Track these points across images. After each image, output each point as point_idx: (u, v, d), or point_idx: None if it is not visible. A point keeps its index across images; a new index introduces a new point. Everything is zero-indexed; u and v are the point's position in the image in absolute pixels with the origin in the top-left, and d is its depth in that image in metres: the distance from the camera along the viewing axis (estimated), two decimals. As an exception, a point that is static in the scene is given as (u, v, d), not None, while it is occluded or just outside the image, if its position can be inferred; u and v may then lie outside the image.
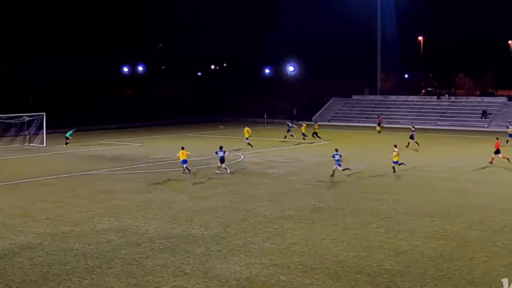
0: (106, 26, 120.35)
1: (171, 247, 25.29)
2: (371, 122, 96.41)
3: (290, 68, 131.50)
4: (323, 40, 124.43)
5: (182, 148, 45.70)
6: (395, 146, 46.07)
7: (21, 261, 23.45)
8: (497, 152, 48.76)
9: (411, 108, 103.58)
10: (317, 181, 41.94)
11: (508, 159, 48.41)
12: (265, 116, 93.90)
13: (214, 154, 45.93)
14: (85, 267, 22.74)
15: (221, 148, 45.87)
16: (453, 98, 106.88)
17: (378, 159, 52.24)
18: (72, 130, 65.27)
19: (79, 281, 21.29)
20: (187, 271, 22.35)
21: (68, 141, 63.30)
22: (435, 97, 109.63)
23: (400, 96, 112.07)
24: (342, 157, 43.90)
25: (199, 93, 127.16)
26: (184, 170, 45.04)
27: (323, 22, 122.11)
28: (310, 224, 29.38)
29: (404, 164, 45.39)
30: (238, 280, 21.33)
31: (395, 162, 45.03)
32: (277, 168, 48.20)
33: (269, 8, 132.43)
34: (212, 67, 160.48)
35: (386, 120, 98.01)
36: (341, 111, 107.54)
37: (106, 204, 33.94)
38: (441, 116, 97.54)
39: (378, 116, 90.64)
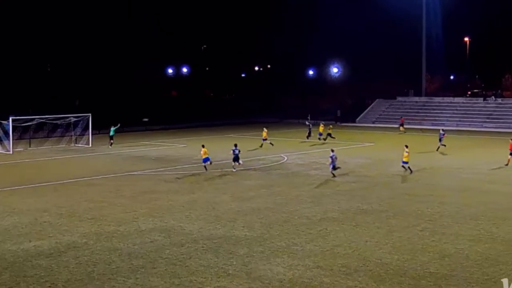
0: (145, 28, 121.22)
1: (215, 248, 25.39)
2: (416, 124, 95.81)
3: (334, 70, 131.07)
4: (368, 41, 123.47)
5: (203, 146, 47.40)
6: (406, 146, 46.17)
7: (66, 260, 23.75)
8: None
9: (456, 110, 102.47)
10: (360, 182, 41.73)
11: None
12: (308, 117, 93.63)
13: (231, 152, 47.43)
14: (130, 267, 22.95)
15: (236, 146, 47.59)
16: (499, 100, 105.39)
17: (423, 161, 51.75)
18: (116, 127, 65.73)
19: (123, 280, 21.50)
20: (230, 272, 22.41)
21: (112, 140, 63.77)
22: (481, 98, 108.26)
23: (445, 98, 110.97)
24: (336, 158, 44.55)
25: (243, 94, 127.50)
26: (205, 168, 46.59)
27: (367, 23, 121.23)
28: (354, 226, 29.24)
29: (411, 172, 45.29)
30: (281, 282, 21.32)
31: (405, 163, 45.49)
32: (320, 169, 48.02)
33: (313, 9, 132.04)
34: (256, 68, 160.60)
35: (431, 122, 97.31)
36: (385, 113, 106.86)
37: (150, 204, 34.21)
38: (488, 118, 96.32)
39: (401, 117, 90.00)
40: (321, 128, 70.30)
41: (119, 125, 67.34)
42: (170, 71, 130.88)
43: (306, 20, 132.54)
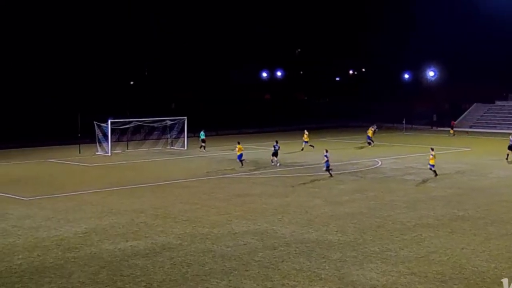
0: (242, 30, 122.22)
1: (307, 252, 25.37)
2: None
3: (431, 73, 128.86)
4: (465, 43, 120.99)
5: (238, 143, 51.58)
6: (432, 149, 46.04)
7: (162, 261, 24.20)
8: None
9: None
10: (457, 188, 40.89)
11: None
12: (403, 122, 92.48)
13: (272, 147, 51.83)
14: (223, 269, 23.18)
15: (277, 142, 52.02)
16: None
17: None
18: (203, 131, 64.98)
19: (216, 282, 21.73)
20: (322, 276, 22.35)
21: (204, 144, 63.83)
22: None
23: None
24: (328, 158, 45.44)
25: (337, 99, 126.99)
26: (241, 164, 50.42)
27: (464, 24, 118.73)
28: (449, 232, 28.68)
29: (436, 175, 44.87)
30: (374, 287, 21.12)
31: (432, 166, 45.43)
32: (415, 174, 47.34)
33: (409, 11, 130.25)
34: (351, 72, 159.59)
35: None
36: (483, 118, 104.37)
37: (244, 207, 34.49)
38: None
39: (452, 120, 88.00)
40: (370, 132, 69.05)
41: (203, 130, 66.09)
42: (264, 74, 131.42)
43: (403, 23, 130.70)
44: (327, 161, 45.27)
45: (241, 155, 50.95)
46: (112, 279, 22.05)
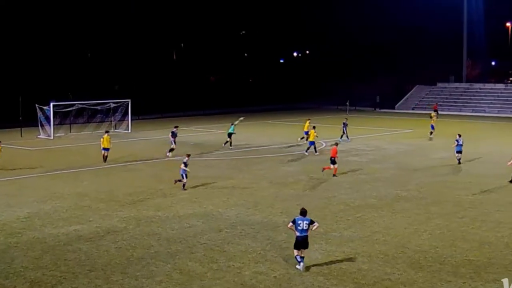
0: (182, 10, 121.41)
1: (253, 234, 25.48)
2: (456, 110, 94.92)
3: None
4: (408, 26, 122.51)
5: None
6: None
7: (106, 244, 24.03)
8: None
9: (497, 96, 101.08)
10: (399, 169, 41.48)
11: None
12: (347, 103, 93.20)
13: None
14: (168, 251, 23.14)
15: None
16: None
17: (466, 148, 51.24)
18: (237, 122, 55.98)
19: (162, 264, 21.69)
20: (268, 257, 22.48)
21: (230, 139, 53.12)
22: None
23: (486, 84, 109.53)
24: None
25: (282, 80, 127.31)
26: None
27: (407, 7, 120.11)
28: (392, 213, 29.12)
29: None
30: (319, 268, 21.31)
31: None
32: (359, 156, 47.87)
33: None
34: (295, 54, 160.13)
35: (471, 108, 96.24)
36: (425, 99, 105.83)
37: (189, 189, 34.37)
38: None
39: (435, 104, 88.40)
40: (433, 119, 62.44)
41: (241, 118, 58.62)
42: (209, 55, 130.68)
43: (342, 3, 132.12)
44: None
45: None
46: (55, 264, 21.80)
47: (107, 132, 45.83)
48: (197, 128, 69.17)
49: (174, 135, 48.24)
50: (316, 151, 47.81)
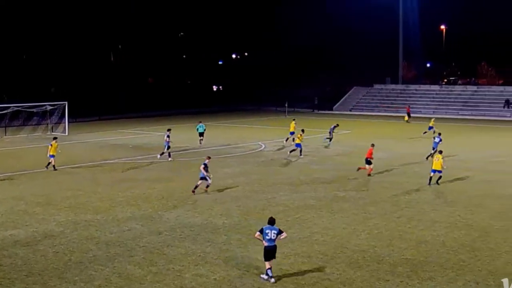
0: (122, 10, 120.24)
1: (192, 236, 25.40)
2: (393, 112, 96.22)
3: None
4: (345, 28, 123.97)
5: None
6: (440, 152, 39.07)
7: (43, 249, 23.65)
8: None
9: (433, 97, 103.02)
10: (338, 170, 41.88)
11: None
12: (286, 105, 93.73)
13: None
14: (107, 255, 22.89)
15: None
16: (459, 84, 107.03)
17: (402, 149, 52.10)
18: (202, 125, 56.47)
19: (100, 269, 21.45)
20: (208, 259, 22.44)
21: (202, 138, 55.63)
22: (453, 86, 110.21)
23: (422, 86, 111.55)
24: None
25: (221, 82, 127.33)
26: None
27: (345, 10, 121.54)
28: (331, 213, 29.38)
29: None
30: (259, 269, 21.37)
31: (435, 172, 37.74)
32: (298, 157, 48.15)
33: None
34: (234, 56, 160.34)
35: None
36: (362, 100, 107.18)
37: (128, 192, 34.11)
38: (464, 106, 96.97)
39: (408, 106, 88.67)
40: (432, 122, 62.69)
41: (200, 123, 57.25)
42: (147, 56, 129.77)
43: (281, 5, 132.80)
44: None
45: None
46: (-9, 270, 21.37)
47: (55, 138, 44.16)
48: (136, 131, 68.64)
49: (168, 137, 47.10)
50: (300, 154, 47.70)
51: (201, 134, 55.49)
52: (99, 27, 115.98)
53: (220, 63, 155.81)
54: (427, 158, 45.56)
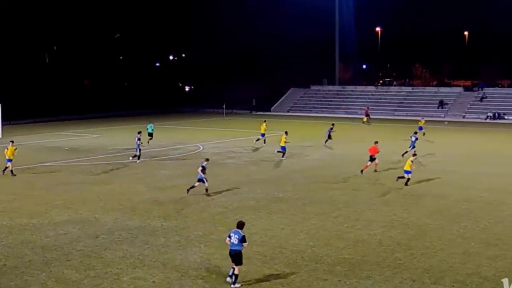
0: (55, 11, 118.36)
1: (130, 239, 25.19)
2: (329, 113, 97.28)
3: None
4: (282, 30, 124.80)
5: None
6: (414, 155, 38.99)
7: (-23, 254, 23.15)
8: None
9: (369, 98, 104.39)
10: (276, 171, 42.07)
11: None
12: (224, 106, 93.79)
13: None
14: (43, 260, 22.52)
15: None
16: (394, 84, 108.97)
17: (338, 148, 52.62)
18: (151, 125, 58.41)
19: (36, 273, 21.09)
20: (146, 262, 22.29)
21: (151, 138, 56.82)
22: (388, 87, 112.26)
23: (358, 87, 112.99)
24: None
25: (158, 84, 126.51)
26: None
27: (282, 11, 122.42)
28: (269, 214, 29.48)
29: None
30: (198, 271, 21.33)
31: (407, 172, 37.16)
32: (236, 158, 48.25)
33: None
34: (171, 57, 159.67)
35: (344, 110, 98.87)
36: (299, 101, 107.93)
37: (64, 195, 33.62)
38: (399, 106, 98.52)
39: (367, 108, 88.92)
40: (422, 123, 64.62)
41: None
42: (83, 58, 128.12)
43: (218, 8, 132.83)
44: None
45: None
46: None
47: (11, 142, 42.67)
48: (72, 133, 67.71)
49: (139, 140, 46.33)
50: (283, 156, 47.67)
51: (150, 134, 56.55)
52: (34, 27, 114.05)
53: (157, 64, 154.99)
54: (402, 155, 46.65)
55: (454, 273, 21.25)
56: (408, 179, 36.58)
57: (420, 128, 61.80)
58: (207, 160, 34.59)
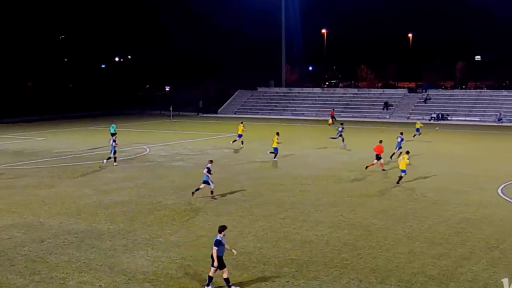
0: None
1: (76, 242, 24.89)
2: (277, 114, 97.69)
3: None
4: (228, 32, 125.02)
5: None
6: (407, 153, 39.14)
7: None
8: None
9: (315, 100, 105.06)
10: (224, 172, 42.02)
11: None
12: (170, 108, 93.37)
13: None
14: (-14, 265, 22.13)
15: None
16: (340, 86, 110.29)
17: (284, 151, 52.76)
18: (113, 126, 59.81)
19: (-20, 279, 20.72)
20: (92, 266, 22.05)
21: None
22: (334, 89, 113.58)
23: (304, 88, 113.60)
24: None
25: (104, 86, 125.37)
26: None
27: (227, 13, 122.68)
28: (217, 216, 29.43)
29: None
30: (145, 274, 21.20)
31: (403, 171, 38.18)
32: (183, 161, 48.08)
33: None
34: (117, 59, 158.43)
35: (291, 112, 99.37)
36: (247, 103, 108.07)
37: (8, 200, 33.04)
38: (345, 108, 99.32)
39: (332, 110, 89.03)
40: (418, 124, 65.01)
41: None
42: (26, 59, 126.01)
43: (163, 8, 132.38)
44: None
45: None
46: None
47: None
48: (15, 136, 66.61)
49: (114, 142, 45.58)
50: (275, 157, 47.52)
51: (112, 135, 55.82)
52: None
53: (102, 66, 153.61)
54: (391, 157, 46.88)
55: (400, 272, 21.52)
56: (401, 177, 37.59)
57: (417, 130, 63.16)
58: (211, 161, 34.01)
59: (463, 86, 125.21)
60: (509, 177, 40.29)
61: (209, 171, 33.06)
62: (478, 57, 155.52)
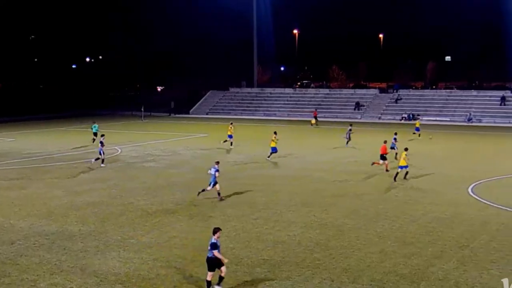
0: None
1: (47, 244, 24.68)
2: (249, 115, 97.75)
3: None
4: (200, 33, 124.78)
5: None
6: (406, 149, 39.81)
7: None
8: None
9: (287, 100, 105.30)
10: (196, 173, 41.92)
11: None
12: (142, 109, 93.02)
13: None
14: (-45, 268, 21.87)
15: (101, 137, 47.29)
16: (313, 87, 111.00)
17: (258, 151, 52.83)
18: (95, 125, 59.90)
19: (-52, 282, 20.48)
20: (64, 268, 21.88)
21: (95, 137, 57.44)
22: (306, 89, 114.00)
23: (276, 89, 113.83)
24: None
25: (75, 86, 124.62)
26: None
27: (200, 15, 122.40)
28: (189, 217, 29.36)
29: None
30: (117, 276, 21.08)
31: (402, 167, 39.27)
32: (155, 161, 47.89)
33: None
34: (87, 59, 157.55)
35: (263, 112, 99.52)
36: (218, 104, 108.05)
37: (-23, 201, 32.70)
38: (317, 108, 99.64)
39: (315, 110, 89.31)
40: (418, 123, 66.78)
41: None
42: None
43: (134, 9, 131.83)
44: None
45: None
46: None
47: None
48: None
49: (102, 144, 45.10)
50: (269, 157, 47.54)
51: (94, 134, 57.79)
52: None
53: (73, 67, 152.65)
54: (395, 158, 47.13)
55: (372, 272, 21.62)
56: (407, 172, 39.23)
57: (417, 129, 64.19)
58: (217, 162, 33.73)
59: (434, 87, 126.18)
60: (479, 176, 40.72)
61: (217, 171, 32.92)
62: (448, 58, 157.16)
